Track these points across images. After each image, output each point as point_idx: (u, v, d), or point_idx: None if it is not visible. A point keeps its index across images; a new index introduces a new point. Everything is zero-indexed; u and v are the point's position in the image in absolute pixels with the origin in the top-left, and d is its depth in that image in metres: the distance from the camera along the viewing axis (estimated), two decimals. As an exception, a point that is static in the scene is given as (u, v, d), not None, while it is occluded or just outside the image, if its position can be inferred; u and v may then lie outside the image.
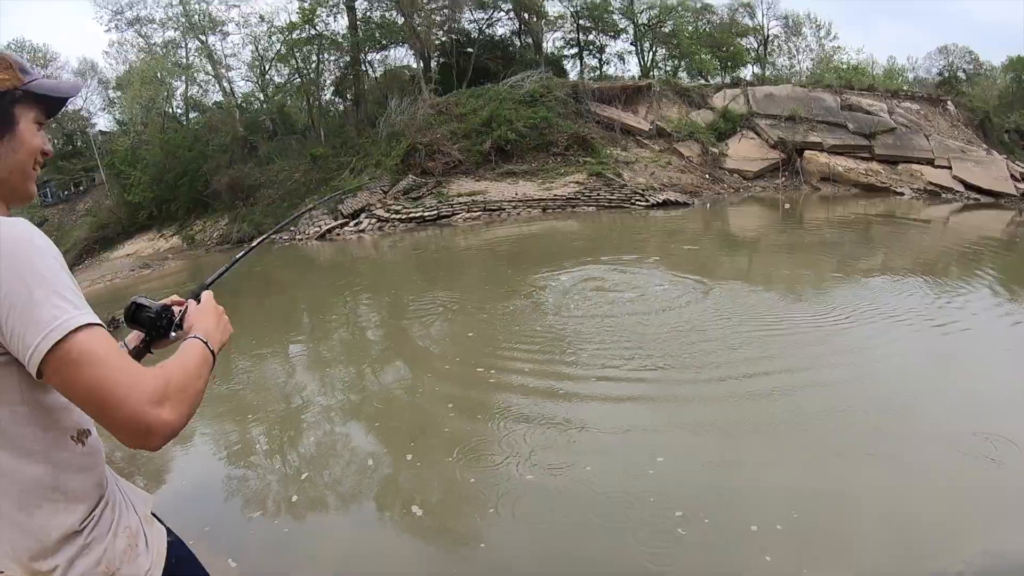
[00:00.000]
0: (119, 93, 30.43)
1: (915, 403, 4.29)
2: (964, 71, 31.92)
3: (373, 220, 20.30)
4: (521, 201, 19.50)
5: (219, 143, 25.29)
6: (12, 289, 0.91)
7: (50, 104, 1.11)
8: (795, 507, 3.13)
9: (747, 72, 29.83)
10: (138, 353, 1.27)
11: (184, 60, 28.12)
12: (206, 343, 1.16)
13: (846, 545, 2.84)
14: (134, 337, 1.29)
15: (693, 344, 5.79)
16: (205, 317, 1.24)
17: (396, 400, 5.52)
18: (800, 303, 7.21)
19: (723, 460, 3.72)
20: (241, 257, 1.60)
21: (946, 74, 31.79)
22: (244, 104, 27.94)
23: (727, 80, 27.41)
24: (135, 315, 1.25)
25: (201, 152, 25.21)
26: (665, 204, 18.85)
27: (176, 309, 1.28)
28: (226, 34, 27.61)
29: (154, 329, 1.26)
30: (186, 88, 28.69)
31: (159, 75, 27.81)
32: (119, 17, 27.68)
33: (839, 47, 32.25)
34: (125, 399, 0.92)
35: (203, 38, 27.84)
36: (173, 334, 1.26)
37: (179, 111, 29.06)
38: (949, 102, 25.37)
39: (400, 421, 5.01)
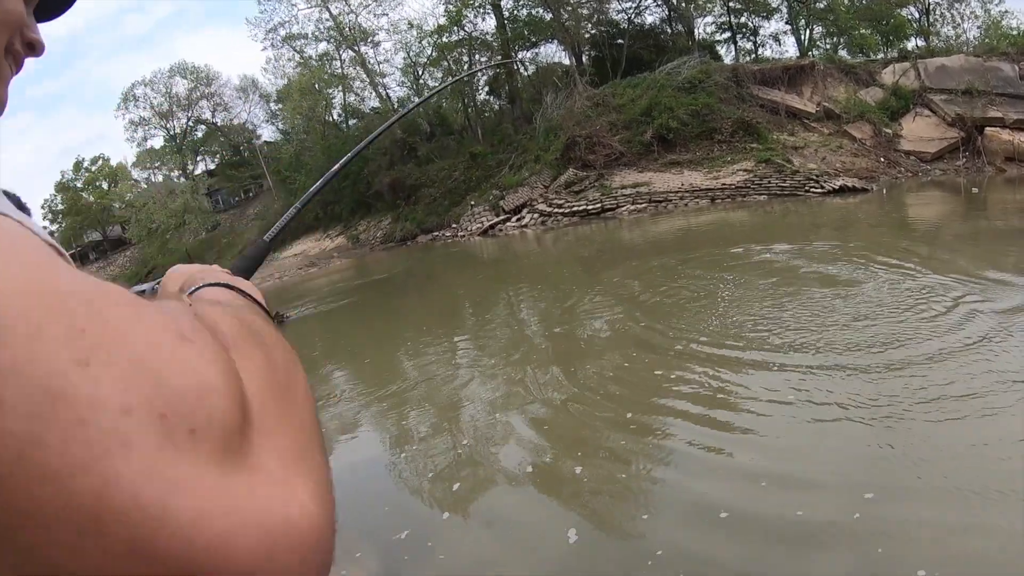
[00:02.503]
0: (279, 105, 33.00)
1: None
2: None
3: (535, 215, 20.75)
4: (688, 192, 19.19)
5: (379, 146, 26.73)
6: None
7: None
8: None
9: (910, 45, 27.60)
10: None
11: (340, 70, 30.00)
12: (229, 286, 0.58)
13: None
14: None
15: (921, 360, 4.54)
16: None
17: (562, 405, 4.97)
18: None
19: (964, 512, 2.89)
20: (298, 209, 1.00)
21: (1124, 35, 27.74)
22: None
23: (891, 55, 25.51)
24: None
25: (362, 155, 26.76)
26: (842, 190, 17.84)
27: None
28: (377, 43, 29.22)
29: None
30: (343, 97, 30.65)
31: (316, 86, 29.86)
32: (272, 35, 29.99)
33: (1007, 11, 29.12)
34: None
35: (356, 48, 29.58)
36: None
37: (339, 119, 31.06)
38: None
39: (565, 430, 4.54)
